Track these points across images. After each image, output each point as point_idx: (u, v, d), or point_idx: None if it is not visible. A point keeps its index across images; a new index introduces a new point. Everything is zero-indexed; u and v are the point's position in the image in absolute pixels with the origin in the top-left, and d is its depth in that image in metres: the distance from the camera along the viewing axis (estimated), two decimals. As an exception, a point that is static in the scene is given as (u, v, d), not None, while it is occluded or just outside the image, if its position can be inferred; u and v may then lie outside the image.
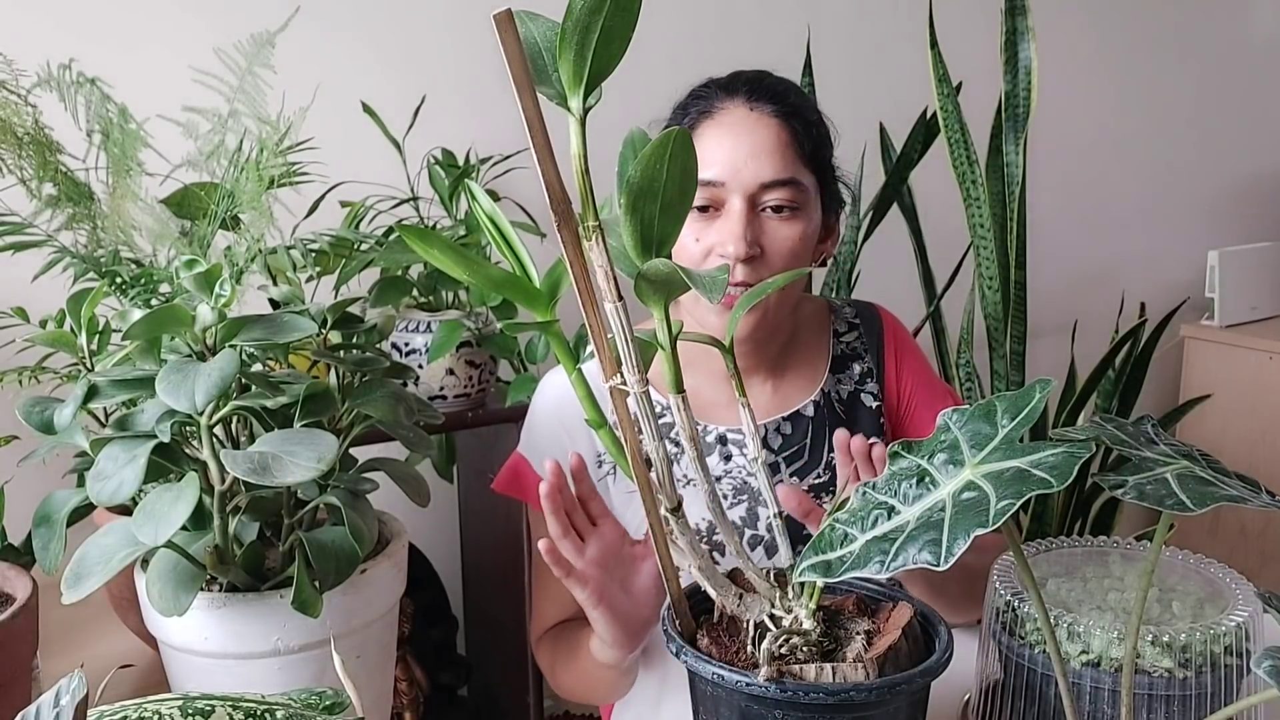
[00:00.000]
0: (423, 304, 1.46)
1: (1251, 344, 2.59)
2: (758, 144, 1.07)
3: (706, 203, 1.07)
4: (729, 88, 1.11)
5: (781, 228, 1.08)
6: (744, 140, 1.07)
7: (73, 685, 0.51)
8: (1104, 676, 0.81)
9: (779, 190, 1.07)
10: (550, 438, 1.17)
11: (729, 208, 1.07)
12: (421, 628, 1.68)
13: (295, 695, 0.63)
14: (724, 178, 1.06)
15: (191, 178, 1.14)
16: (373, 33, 1.71)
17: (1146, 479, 0.69)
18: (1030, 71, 1.82)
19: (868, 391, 1.22)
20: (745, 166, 1.06)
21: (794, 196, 1.08)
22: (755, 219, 1.07)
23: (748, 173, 1.06)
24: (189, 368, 0.73)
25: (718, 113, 1.10)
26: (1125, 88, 2.63)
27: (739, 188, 1.06)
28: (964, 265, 2.03)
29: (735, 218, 1.06)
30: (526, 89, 0.61)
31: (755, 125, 1.08)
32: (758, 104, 1.09)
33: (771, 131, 1.08)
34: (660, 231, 0.68)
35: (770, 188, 1.07)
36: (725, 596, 0.80)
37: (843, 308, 1.27)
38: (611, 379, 0.71)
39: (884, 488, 0.71)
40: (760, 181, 1.06)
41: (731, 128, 1.08)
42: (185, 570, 0.77)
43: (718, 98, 1.11)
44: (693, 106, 1.12)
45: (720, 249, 1.06)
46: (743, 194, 1.06)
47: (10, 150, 1.03)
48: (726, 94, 1.11)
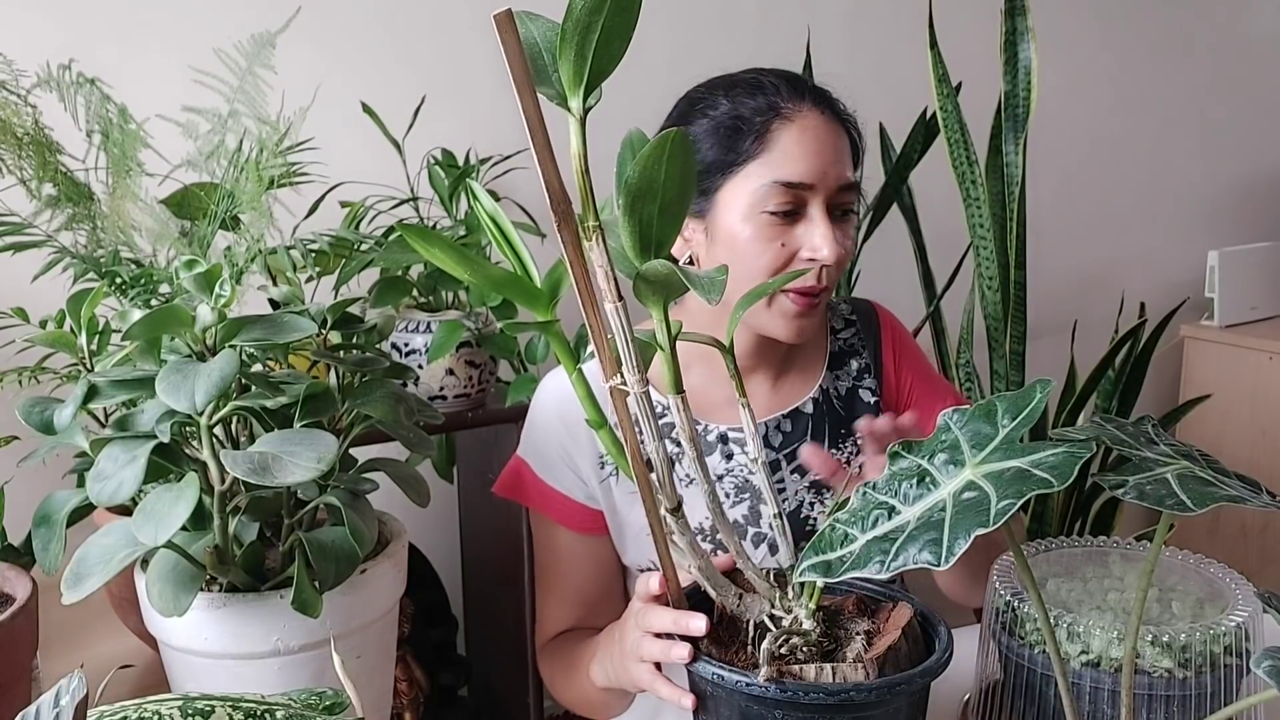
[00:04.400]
0: (423, 304, 1.45)
1: (1251, 344, 2.59)
2: (837, 149, 1.08)
3: (792, 206, 1.06)
4: (795, 89, 1.10)
5: (848, 230, 1.10)
6: (826, 145, 1.07)
7: (73, 685, 0.51)
8: (1104, 676, 0.81)
9: (850, 193, 1.09)
10: (551, 439, 1.16)
11: (813, 211, 1.06)
12: (421, 628, 1.68)
13: (295, 695, 0.63)
14: (813, 180, 1.06)
15: (191, 178, 1.14)
16: (373, 33, 1.71)
17: (1146, 479, 0.69)
18: (1030, 71, 1.82)
19: (865, 387, 1.22)
20: (829, 170, 1.07)
21: (856, 199, 1.11)
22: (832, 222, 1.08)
23: (831, 176, 1.07)
24: (189, 368, 0.73)
25: (794, 116, 1.07)
26: (1125, 88, 2.63)
27: (824, 191, 1.06)
28: (964, 265, 2.03)
29: (823, 221, 1.06)
30: (526, 89, 0.61)
31: (831, 130, 1.09)
32: (825, 108, 1.10)
33: (840, 137, 1.10)
34: (659, 232, 0.68)
35: (845, 191, 1.08)
36: (725, 596, 0.80)
37: (839, 305, 1.27)
38: (612, 379, 0.71)
39: (884, 488, 0.71)
40: (840, 185, 1.08)
41: (814, 132, 1.07)
42: (185, 570, 0.77)
43: (785, 98, 1.08)
44: (749, 102, 1.08)
45: (813, 252, 1.06)
46: (826, 197, 1.07)
47: (10, 150, 1.03)
48: (795, 96, 1.09)
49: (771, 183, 1.05)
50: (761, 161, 1.06)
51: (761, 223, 1.06)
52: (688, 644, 0.79)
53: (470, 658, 1.84)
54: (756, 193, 1.05)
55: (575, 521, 1.17)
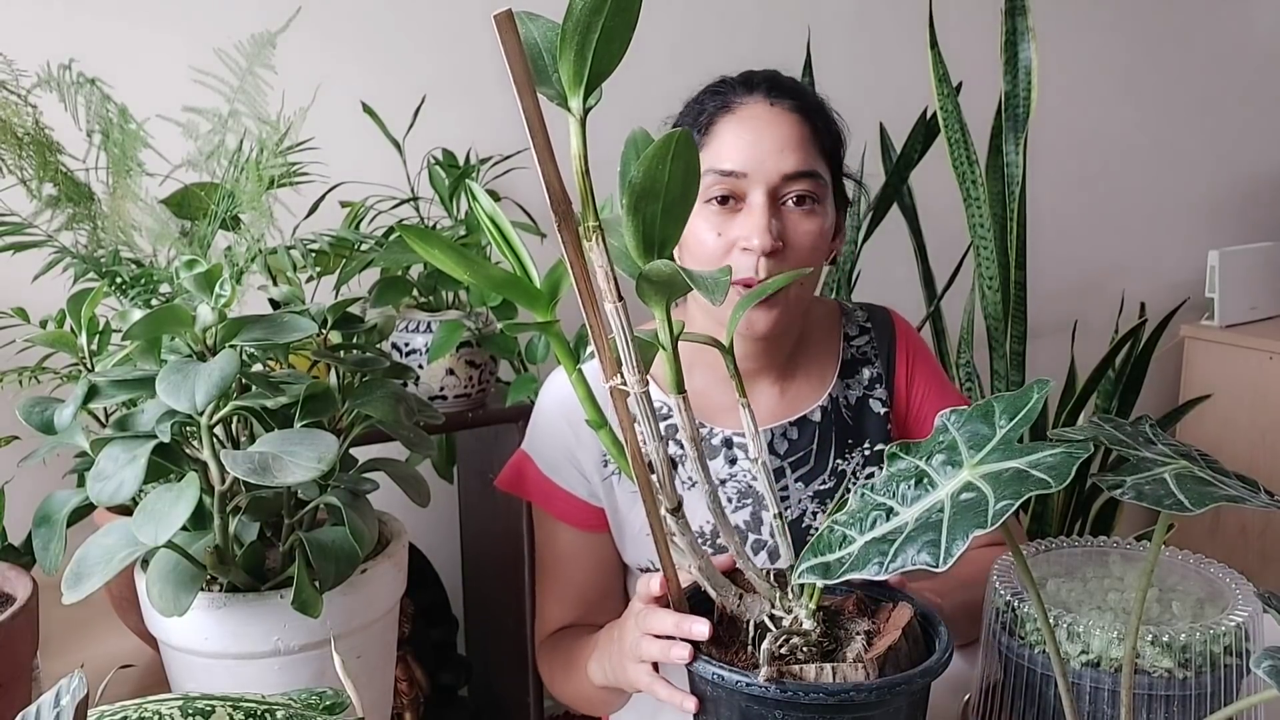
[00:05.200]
0: (423, 304, 1.46)
1: (1251, 344, 2.59)
2: (779, 137, 1.07)
3: (727, 193, 1.06)
4: (747, 84, 1.11)
5: (803, 221, 1.07)
6: (765, 133, 1.07)
7: (73, 685, 0.51)
8: (1104, 676, 0.81)
9: (800, 182, 1.07)
10: (555, 435, 1.17)
11: (751, 200, 1.06)
12: (421, 628, 1.68)
13: (295, 695, 0.63)
14: (746, 169, 1.05)
15: (191, 178, 1.14)
16: (373, 33, 1.71)
17: (1145, 479, 0.69)
18: (1030, 71, 1.82)
19: (876, 398, 1.21)
20: (768, 159, 1.06)
21: (814, 189, 1.08)
22: (777, 212, 1.06)
23: (770, 165, 1.06)
24: (189, 368, 0.73)
25: (737, 108, 1.09)
26: (1125, 88, 2.63)
27: (762, 180, 1.05)
28: (964, 265, 2.03)
29: (759, 210, 1.05)
30: (526, 89, 0.61)
31: (776, 119, 1.08)
32: (778, 99, 1.09)
33: (792, 126, 1.08)
34: (663, 232, 0.68)
35: (792, 179, 1.06)
36: (725, 597, 0.80)
37: (854, 311, 1.26)
38: (612, 379, 0.71)
39: (882, 489, 0.72)
40: (782, 173, 1.06)
41: (752, 121, 1.08)
42: (185, 570, 0.77)
43: (736, 93, 1.10)
44: (709, 102, 1.11)
45: (744, 242, 1.05)
46: (765, 186, 1.05)
47: (10, 150, 1.03)
48: (745, 90, 1.10)
49: (709, 171, 1.06)
50: (705, 153, 1.07)
51: (706, 213, 1.06)
52: (687, 645, 0.78)
53: (470, 658, 1.84)
54: (701, 183, 1.06)
55: (577, 518, 1.17)
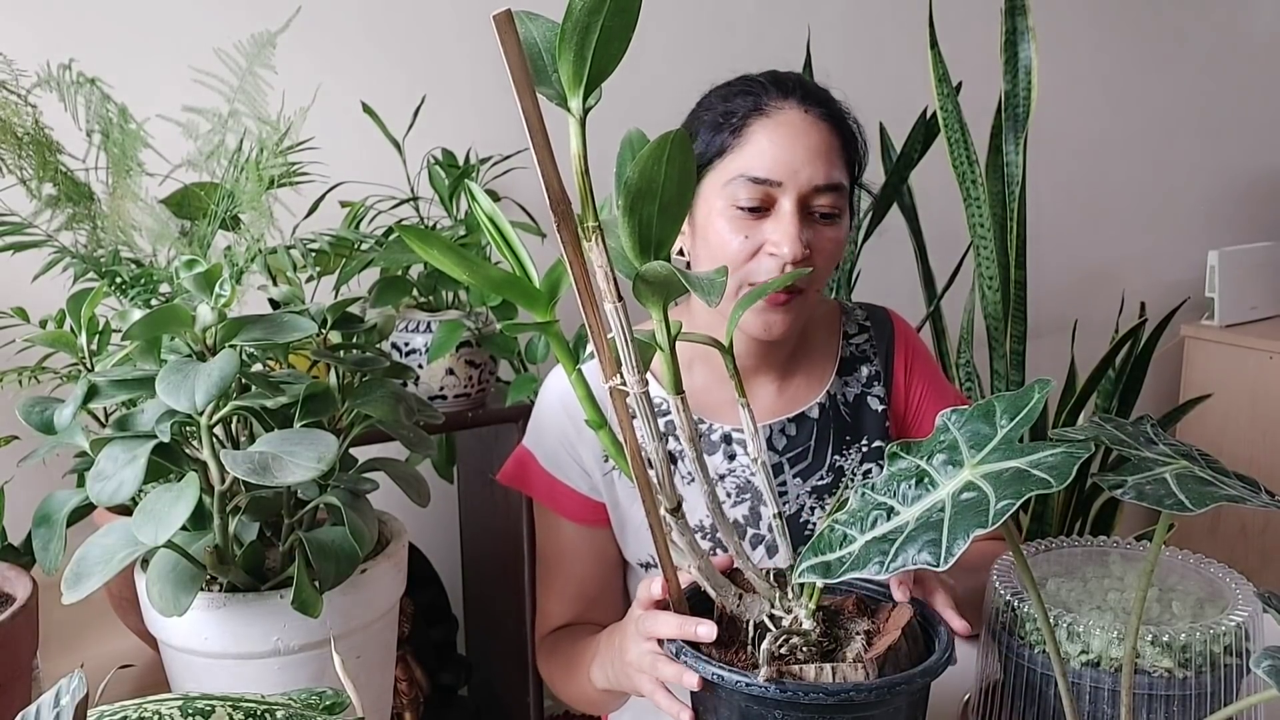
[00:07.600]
0: (423, 304, 1.46)
1: (1251, 344, 2.59)
2: (814, 147, 1.06)
3: (759, 203, 1.05)
4: (780, 87, 1.09)
5: (826, 231, 1.08)
6: (801, 142, 1.06)
7: (73, 685, 0.51)
8: (1104, 676, 0.81)
9: (829, 195, 1.07)
10: (557, 431, 1.17)
11: (781, 208, 1.05)
12: (421, 628, 1.68)
13: (295, 695, 0.63)
14: (781, 178, 1.04)
15: (191, 178, 1.14)
16: (373, 33, 1.71)
17: (1145, 479, 0.69)
18: (1030, 71, 1.82)
19: (874, 395, 1.21)
20: (802, 169, 1.05)
21: (839, 202, 1.08)
22: (805, 221, 1.06)
23: (804, 175, 1.05)
24: (189, 368, 0.73)
25: (773, 112, 1.07)
26: (1126, 87, 2.63)
27: (794, 189, 1.05)
28: (964, 265, 2.03)
29: (790, 219, 1.04)
30: (526, 89, 0.61)
31: (810, 128, 1.07)
32: (811, 106, 1.08)
33: (825, 135, 1.07)
34: (659, 233, 0.68)
35: (821, 191, 1.06)
36: (725, 596, 0.80)
37: (854, 309, 1.26)
38: (611, 379, 0.71)
39: (883, 488, 0.72)
40: (814, 184, 1.05)
41: (788, 128, 1.06)
42: (185, 570, 0.77)
43: (769, 95, 1.08)
44: (739, 102, 1.09)
45: (773, 248, 1.05)
46: (796, 194, 1.05)
47: (10, 150, 1.03)
48: (779, 93, 1.08)
49: (740, 177, 1.05)
50: (735, 155, 1.06)
51: (731, 216, 1.06)
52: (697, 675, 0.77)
53: (470, 658, 1.84)
54: (728, 186, 1.05)
55: (578, 513, 1.17)
